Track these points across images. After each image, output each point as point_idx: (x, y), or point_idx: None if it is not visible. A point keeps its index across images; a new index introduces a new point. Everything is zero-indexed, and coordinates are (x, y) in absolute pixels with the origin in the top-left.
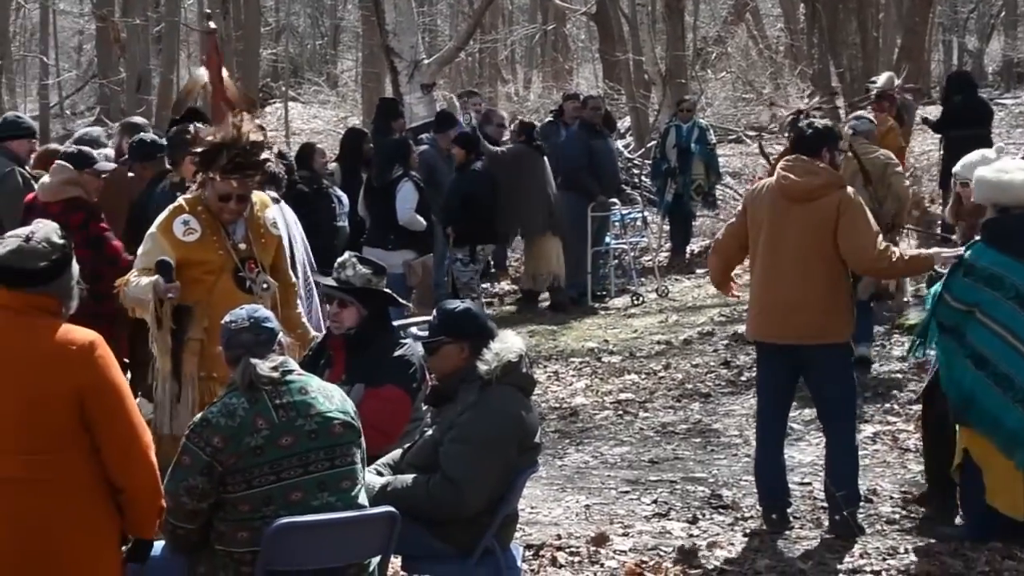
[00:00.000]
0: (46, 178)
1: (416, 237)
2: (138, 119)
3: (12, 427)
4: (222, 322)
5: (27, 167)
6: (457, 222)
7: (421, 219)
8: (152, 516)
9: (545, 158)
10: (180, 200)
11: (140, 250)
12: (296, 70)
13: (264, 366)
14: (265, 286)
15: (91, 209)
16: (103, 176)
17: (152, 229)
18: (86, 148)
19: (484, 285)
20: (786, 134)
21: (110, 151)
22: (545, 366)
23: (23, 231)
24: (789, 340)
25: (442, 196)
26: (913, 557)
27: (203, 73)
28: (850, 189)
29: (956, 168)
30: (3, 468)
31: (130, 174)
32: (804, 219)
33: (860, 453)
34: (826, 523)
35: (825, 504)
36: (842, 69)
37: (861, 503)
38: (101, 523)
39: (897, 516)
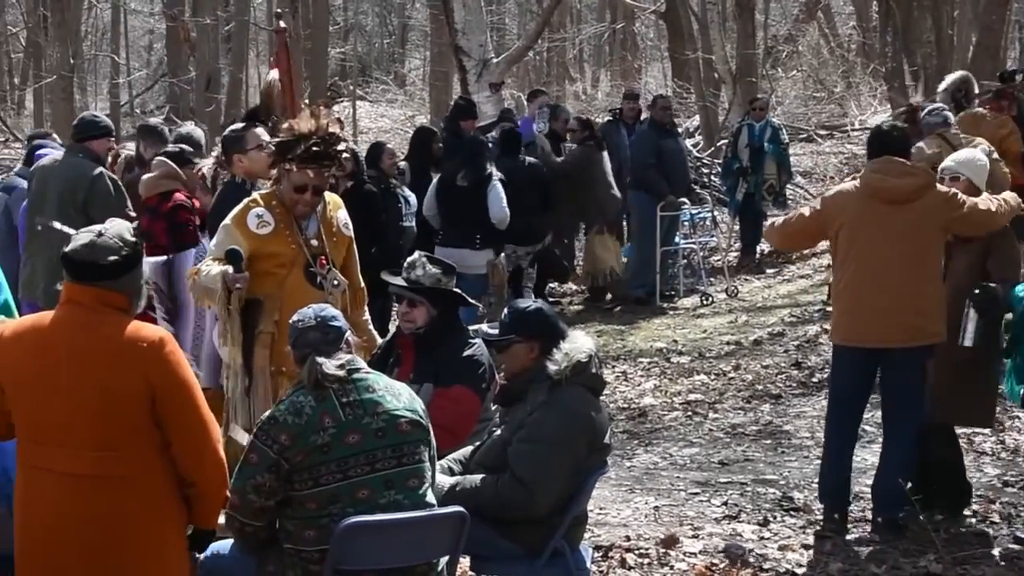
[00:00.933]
0: (147, 175)
1: (499, 236)
2: (154, 120)
3: (85, 424)
4: (290, 321)
5: (105, 166)
6: None
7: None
8: (218, 508)
9: (605, 153)
10: (255, 194)
11: (213, 241)
12: (364, 69)
13: (330, 364)
14: (336, 283)
15: (182, 201)
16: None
17: (226, 221)
18: (186, 146)
19: (551, 285)
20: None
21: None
22: (613, 366)
23: (95, 227)
24: (883, 343)
25: None
26: (991, 563)
27: (275, 73)
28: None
29: (946, 163)
30: (75, 465)
31: None
32: (902, 221)
33: None
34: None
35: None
36: (916, 67)
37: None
38: (169, 517)
39: (974, 520)
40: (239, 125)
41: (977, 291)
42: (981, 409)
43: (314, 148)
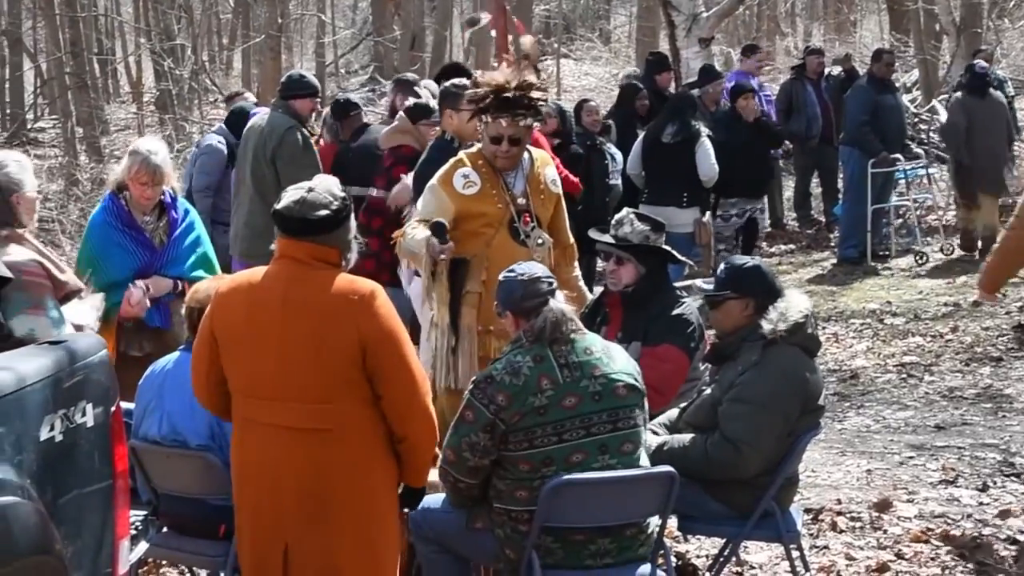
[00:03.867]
0: (387, 128)
1: (704, 194)
2: (410, 75)
3: (298, 377)
4: (505, 278)
5: (309, 126)
6: None
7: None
8: (427, 463)
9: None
10: (461, 154)
11: (420, 201)
12: (568, 26)
13: (563, 307)
14: (540, 241)
15: (403, 157)
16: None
17: (432, 181)
18: (422, 101)
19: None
20: None
21: None
22: (824, 327)
23: (305, 183)
24: None
25: None
26: None
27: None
28: None
29: None
30: (288, 417)
31: None
32: None
33: None
34: None
35: None
36: None
37: None
38: (378, 471)
39: None
40: (460, 80)
41: None
42: None
43: (506, 96)
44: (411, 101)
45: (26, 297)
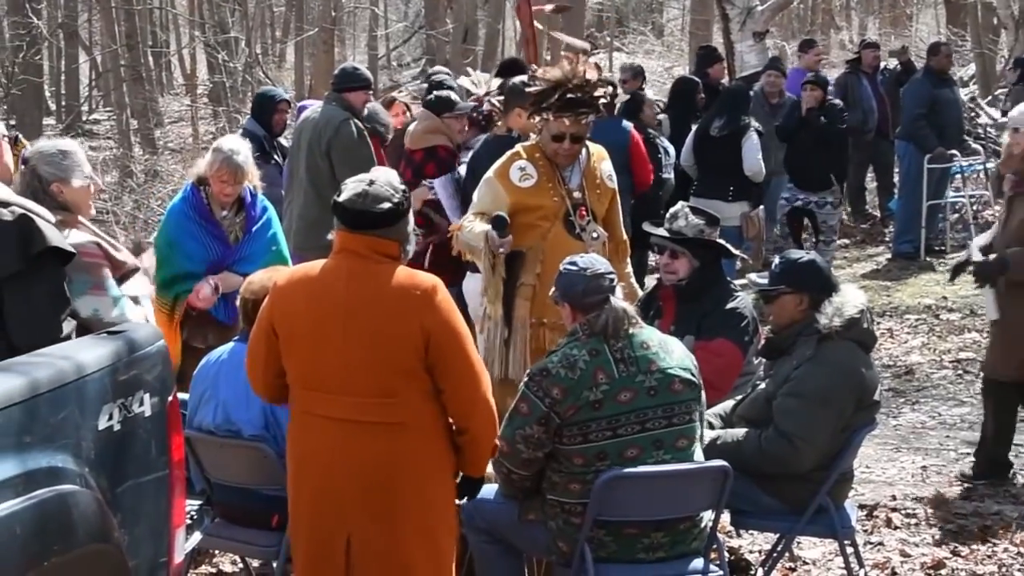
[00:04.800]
0: (413, 126)
1: (753, 188)
2: (441, 72)
3: (360, 371)
4: (566, 270)
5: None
6: None
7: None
8: (487, 455)
9: None
10: (518, 147)
11: (476, 194)
12: (621, 20)
13: (624, 305)
14: (595, 235)
15: (446, 161)
16: (464, 116)
17: (488, 174)
18: (444, 93)
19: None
20: None
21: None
22: (878, 323)
23: (365, 176)
24: None
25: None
26: None
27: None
28: None
29: (1012, 113)
30: (350, 411)
31: None
32: None
33: None
34: None
35: None
36: None
37: None
38: (438, 463)
39: None
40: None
41: (972, 265)
42: None
43: (568, 96)
44: (431, 95)
45: (87, 278)
